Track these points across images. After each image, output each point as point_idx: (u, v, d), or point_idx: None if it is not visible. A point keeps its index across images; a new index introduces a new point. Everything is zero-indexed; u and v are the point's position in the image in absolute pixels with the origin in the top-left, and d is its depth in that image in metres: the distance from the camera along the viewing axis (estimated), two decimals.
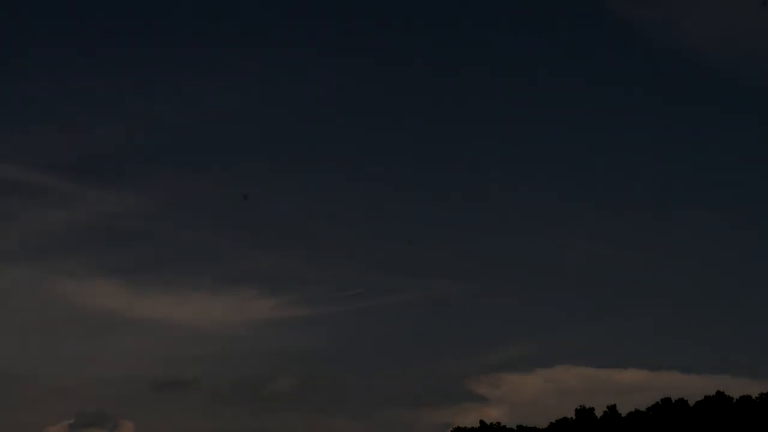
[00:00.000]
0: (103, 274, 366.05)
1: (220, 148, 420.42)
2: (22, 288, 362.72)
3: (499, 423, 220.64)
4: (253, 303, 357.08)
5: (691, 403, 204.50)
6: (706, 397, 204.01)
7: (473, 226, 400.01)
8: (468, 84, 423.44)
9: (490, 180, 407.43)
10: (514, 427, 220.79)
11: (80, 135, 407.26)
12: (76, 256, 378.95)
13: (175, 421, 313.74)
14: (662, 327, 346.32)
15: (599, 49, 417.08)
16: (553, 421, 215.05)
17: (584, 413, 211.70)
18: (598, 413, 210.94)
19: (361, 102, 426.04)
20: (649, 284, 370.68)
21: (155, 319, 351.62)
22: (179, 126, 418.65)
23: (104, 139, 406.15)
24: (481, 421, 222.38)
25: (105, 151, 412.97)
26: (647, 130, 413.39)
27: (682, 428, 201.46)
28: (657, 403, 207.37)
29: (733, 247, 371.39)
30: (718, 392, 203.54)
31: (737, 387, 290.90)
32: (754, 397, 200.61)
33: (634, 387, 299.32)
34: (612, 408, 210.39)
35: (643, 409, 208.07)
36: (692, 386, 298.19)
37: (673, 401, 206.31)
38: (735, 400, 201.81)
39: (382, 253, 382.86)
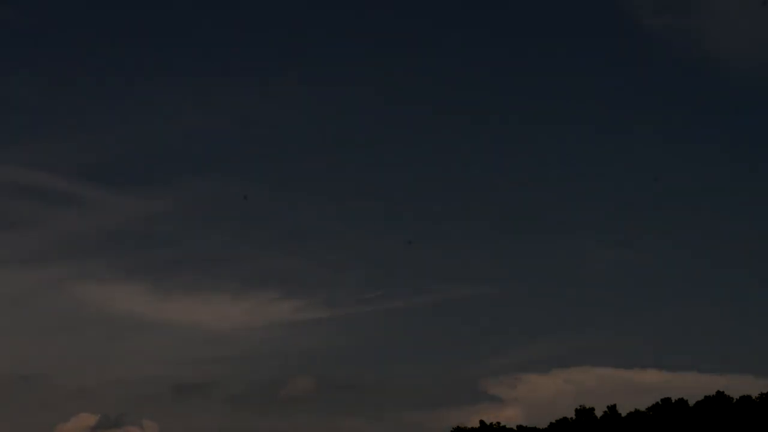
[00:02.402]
0: (127, 278, 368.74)
1: (242, 153, 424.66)
2: (47, 291, 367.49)
3: (498, 423, 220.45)
4: (275, 305, 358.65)
5: (691, 403, 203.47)
6: (706, 397, 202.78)
7: (491, 229, 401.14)
8: (487, 88, 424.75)
9: (510, 184, 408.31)
10: (514, 427, 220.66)
11: (104, 141, 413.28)
12: (100, 259, 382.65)
13: (196, 422, 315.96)
14: (681, 328, 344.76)
15: (618, 56, 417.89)
16: (553, 421, 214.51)
17: (584, 413, 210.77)
18: (599, 413, 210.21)
19: (377, 106, 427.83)
20: (666, 286, 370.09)
21: (177, 321, 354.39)
22: (202, 131, 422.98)
23: (128, 145, 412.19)
24: (481, 421, 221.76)
25: (129, 157, 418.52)
26: (663, 136, 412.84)
27: (682, 428, 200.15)
28: (657, 403, 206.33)
29: (748, 250, 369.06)
30: (718, 392, 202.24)
31: (761, 387, 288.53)
32: (754, 397, 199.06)
33: (653, 388, 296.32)
34: (612, 408, 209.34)
35: (643, 409, 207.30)
36: (713, 386, 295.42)
37: (673, 401, 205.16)
38: (735, 400, 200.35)
39: (402, 256, 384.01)
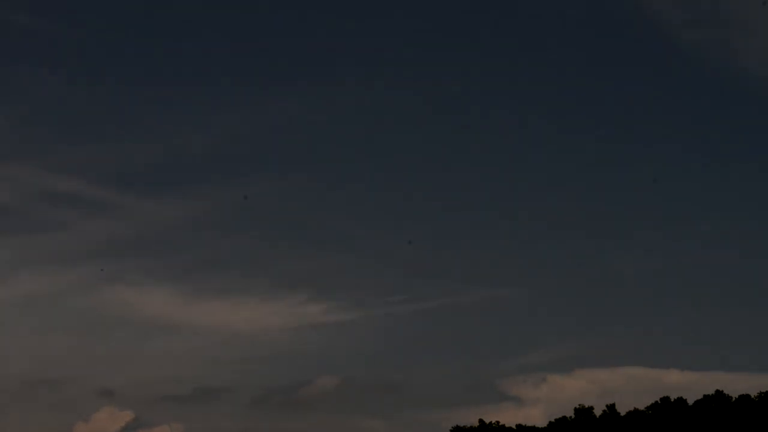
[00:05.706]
0: (156, 280, 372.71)
1: (270, 157, 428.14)
2: (79, 293, 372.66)
3: (498, 422, 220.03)
4: (304, 308, 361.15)
5: (690, 402, 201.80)
6: (705, 396, 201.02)
7: (515, 232, 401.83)
8: (499, 91, 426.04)
9: (537, 188, 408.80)
10: (514, 426, 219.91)
11: (134, 148, 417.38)
12: (131, 263, 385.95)
13: (220, 423, 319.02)
14: (704, 328, 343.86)
15: (649, 68, 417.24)
16: (552, 421, 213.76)
17: (583, 412, 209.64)
18: (598, 412, 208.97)
19: (393, 112, 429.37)
20: (687, 287, 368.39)
21: (206, 324, 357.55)
22: (229, 137, 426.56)
23: (157, 152, 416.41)
24: (480, 420, 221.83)
25: (158, 163, 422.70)
26: (686, 144, 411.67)
27: (682, 427, 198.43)
28: (656, 402, 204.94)
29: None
30: (717, 391, 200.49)
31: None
32: (753, 396, 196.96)
33: (677, 388, 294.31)
34: (611, 407, 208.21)
35: (642, 408, 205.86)
36: (736, 385, 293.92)
37: (672, 400, 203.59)
38: (734, 399, 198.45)
39: (429, 259, 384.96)
